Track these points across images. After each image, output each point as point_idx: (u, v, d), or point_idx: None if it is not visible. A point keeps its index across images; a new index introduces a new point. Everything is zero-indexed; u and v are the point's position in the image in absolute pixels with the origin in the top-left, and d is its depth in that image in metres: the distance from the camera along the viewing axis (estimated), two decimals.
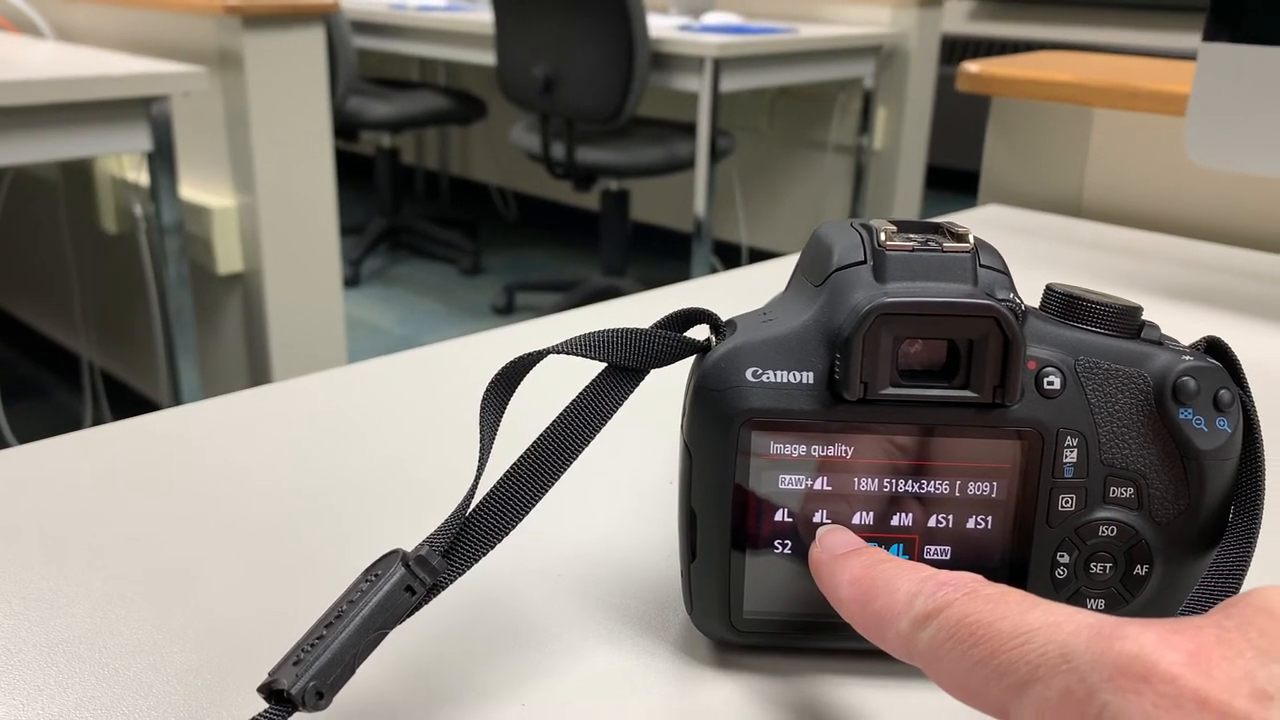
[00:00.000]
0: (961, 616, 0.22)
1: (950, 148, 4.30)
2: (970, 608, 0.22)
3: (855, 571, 0.26)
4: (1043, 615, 0.21)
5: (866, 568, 0.26)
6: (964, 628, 0.22)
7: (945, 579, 0.23)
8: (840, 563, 0.27)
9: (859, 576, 0.26)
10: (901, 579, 0.24)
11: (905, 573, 0.25)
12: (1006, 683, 0.20)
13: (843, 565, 0.26)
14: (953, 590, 0.23)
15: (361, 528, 0.38)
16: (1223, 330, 0.61)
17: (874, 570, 0.25)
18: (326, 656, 0.25)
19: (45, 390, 2.61)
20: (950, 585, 0.23)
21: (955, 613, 0.22)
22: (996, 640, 0.21)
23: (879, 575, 0.25)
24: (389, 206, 3.61)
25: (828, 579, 0.27)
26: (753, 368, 0.28)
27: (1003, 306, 0.27)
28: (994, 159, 0.97)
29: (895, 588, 0.24)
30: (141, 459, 0.42)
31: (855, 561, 0.26)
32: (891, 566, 0.25)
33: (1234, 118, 0.60)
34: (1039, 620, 0.21)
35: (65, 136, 1.51)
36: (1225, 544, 0.29)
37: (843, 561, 0.27)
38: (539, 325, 0.59)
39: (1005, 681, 0.20)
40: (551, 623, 0.33)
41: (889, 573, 0.25)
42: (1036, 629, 0.20)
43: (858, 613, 0.25)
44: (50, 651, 0.31)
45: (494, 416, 0.29)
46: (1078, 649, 0.19)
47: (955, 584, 0.23)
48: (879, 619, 0.24)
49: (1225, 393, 0.28)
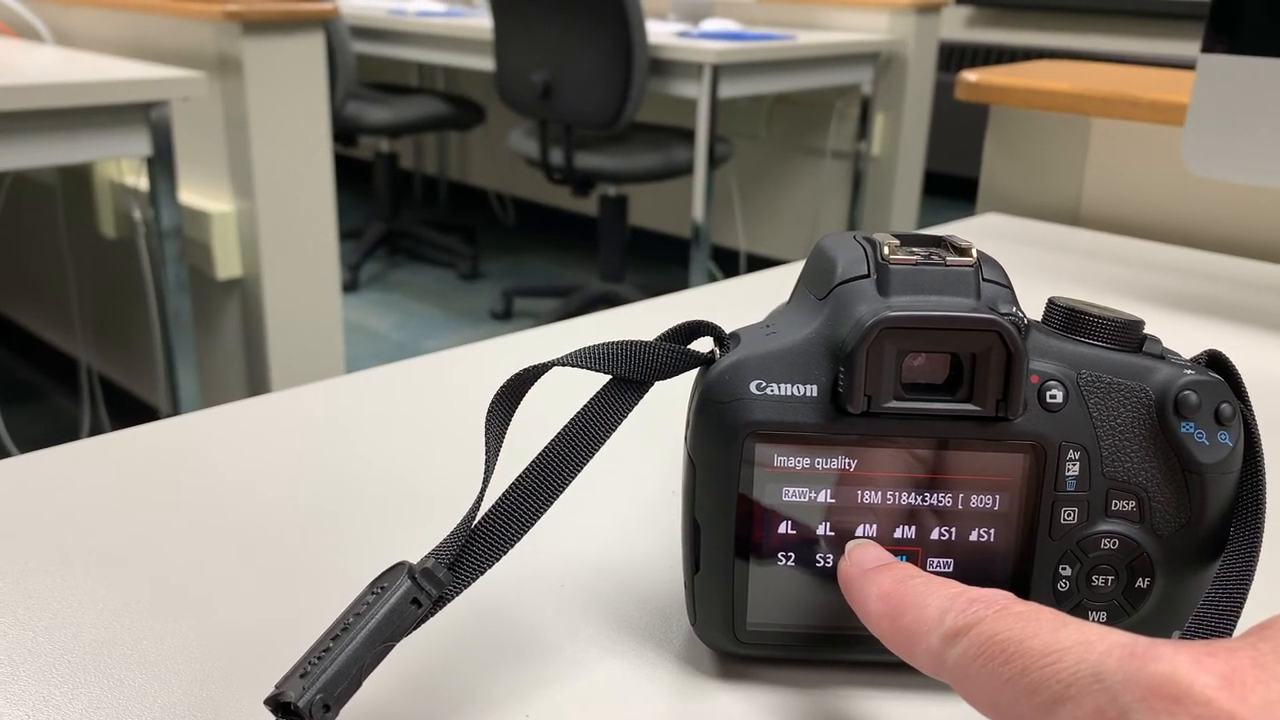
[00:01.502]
0: (992, 633, 0.22)
1: (948, 154, 4.31)
2: (1001, 625, 0.22)
3: (885, 586, 0.26)
4: (1075, 634, 0.21)
5: (896, 583, 0.26)
6: (994, 644, 0.22)
7: (976, 595, 0.23)
8: (870, 577, 0.26)
9: (889, 591, 0.26)
10: (932, 595, 0.24)
11: (936, 588, 0.24)
12: (1037, 701, 0.20)
13: (872, 580, 0.26)
14: (984, 607, 0.23)
15: (365, 539, 0.38)
16: (1221, 340, 0.61)
17: (904, 585, 0.25)
18: (333, 669, 0.25)
19: (43, 394, 2.61)
20: (981, 602, 0.23)
21: (986, 629, 0.22)
22: (1027, 658, 0.21)
23: (909, 590, 0.25)
24: (388, 211, 3.62)
25: (857, 593, 0.27)
26: (757, 380, 0.28)
27: (1005, 320, 0.27)
28: (992, 168, 0.97)
29: (925, 603, 0.24)
30: (145, 469, 0.43)
31: (885, 576, 0.26)
32: (922, 582, 0.25)
33: (1232, 128, 0.60)
34: (1071, 639, 0.21)
35: (64, 141, 1.52)
36: (1227, 557, 0.29)
37: (872, 576, 0.26)
38: (539, 334, 0.59)
39: (1035, 700, 0.20)
40: (555, 634, 0.33)
41: (919, 588, 0.25)
42: (1068, 647, 0.20)
43: (887, 628, 0.25)
44: (56, 662, 0.31)
45: (499, 429, 0.29)
46: (1110, 668, 0.19)
47: (986, 600, 0.23)
48: (908, 635, 0.24)
49: (1226, 406, 0.29)
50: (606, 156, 2.64)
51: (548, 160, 2.70)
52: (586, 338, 0.58)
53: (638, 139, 2.72)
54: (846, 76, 2.90)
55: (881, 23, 3.00)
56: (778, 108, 3.25)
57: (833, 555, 0.29)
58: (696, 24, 2.88)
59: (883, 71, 3.01)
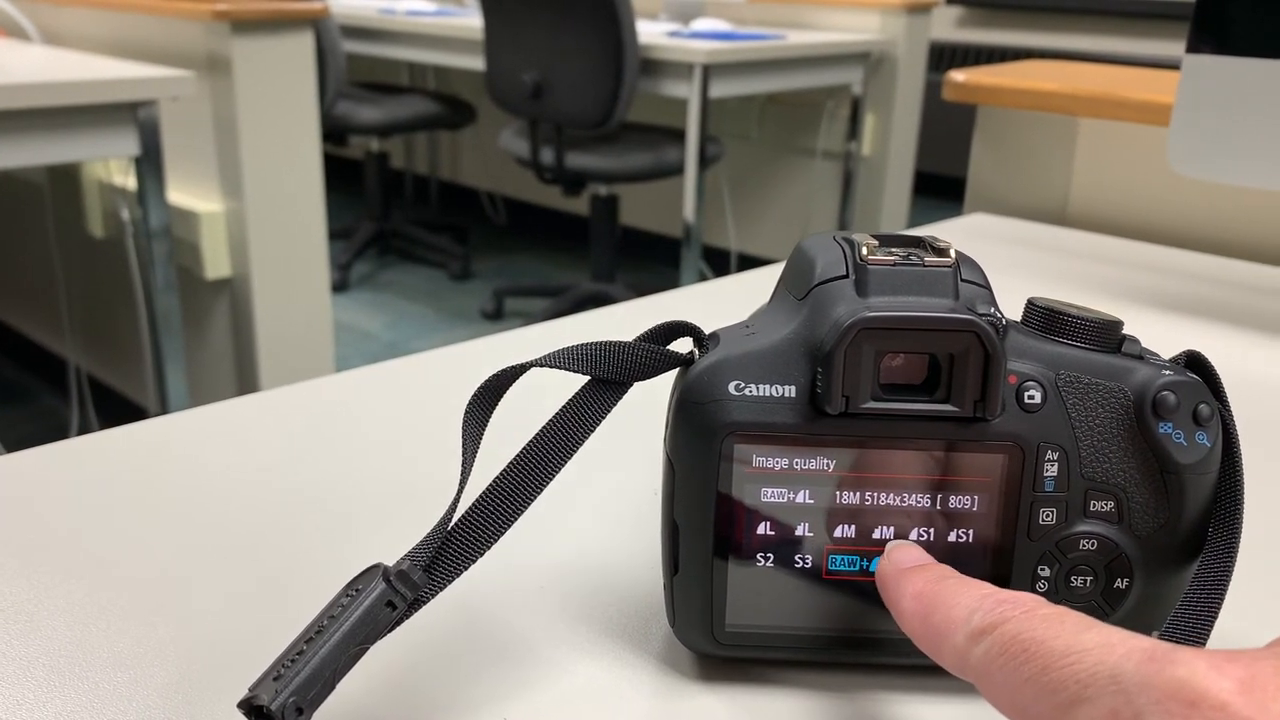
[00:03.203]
0: (1016, 633, 0.22)
1: (938, 154, 4.32)
2: (1026, 625, 0.22)
3: (919, 586, 0.26)
4: (1097, 636, 0.21)
5: (931, 583, 0.26)
6: (1017, 644, 0.22)
7: (1006, 597, 0.23)
8: (906, 576, 0.27)
9: (922, 591, 0.26)
10: (963, 595, 0.24)
11: (968, 589, 0.25)
12: (1055, 701, 0.20)
13: (908, 579, 0.26)
14: (1011, 607, 0.23)
15: (345, 541, 0.38)
16: (1206, 340, 0.61)
17: (938, 585, 0.25)
18: (307, 672, 0.25)
19: (31, 395, 2.60)
20: (1010, 603, 0.23)
21: (1010, 629, 0.22)
22: (1048, 658, 0.21)
23: (942, 590, 0.25)
24: (378, 211, 3.61)
25: (892, 591, 0.27)
26: (735, 381, 0.28)
27: (983, 321, 0.27)
28: (980, 168, 0.97)
29: (956, 603, 0.24)
30: (124, 470, 0.42)
31: (920, 576, 0.26)
32: (955, 582, 0.25)
33: (1216, 128, 0.61)
34: (1092, 641, 0.21)
35: (52, 141, 1.51)
36: (1206, 558, 0.29)
37: (909, 575, 0.27)
38: (525, 334, 0.59)
39: (1054, 700, 0.20)
40: (533, 636, 0.33)
41: (952, 588, 0.25)
42: (1089, 649, 0.20)
43: (918, 626, 0.25)
44: (30, 665, 0.31)
45: (476, 430, 0.29)
46: (1128, 671, 0.19)
47: (1014, 602, 0.23)
48: (937, 633, 0.24)
49: (1205, 407, 0.29)
50: (597, 156, 2.64)
51: (538, 160, 2.69)
52: (573, 337, 0.58)
53: (628, 139, 2.72)
54: (837, 76, 2.90)
55: (872, 23, 3.00)
56: (768, 108, 3.26)
57: (811, 556, 0.29)
58: (687, 24, 2.88)
59: (873, 72, 3.01)
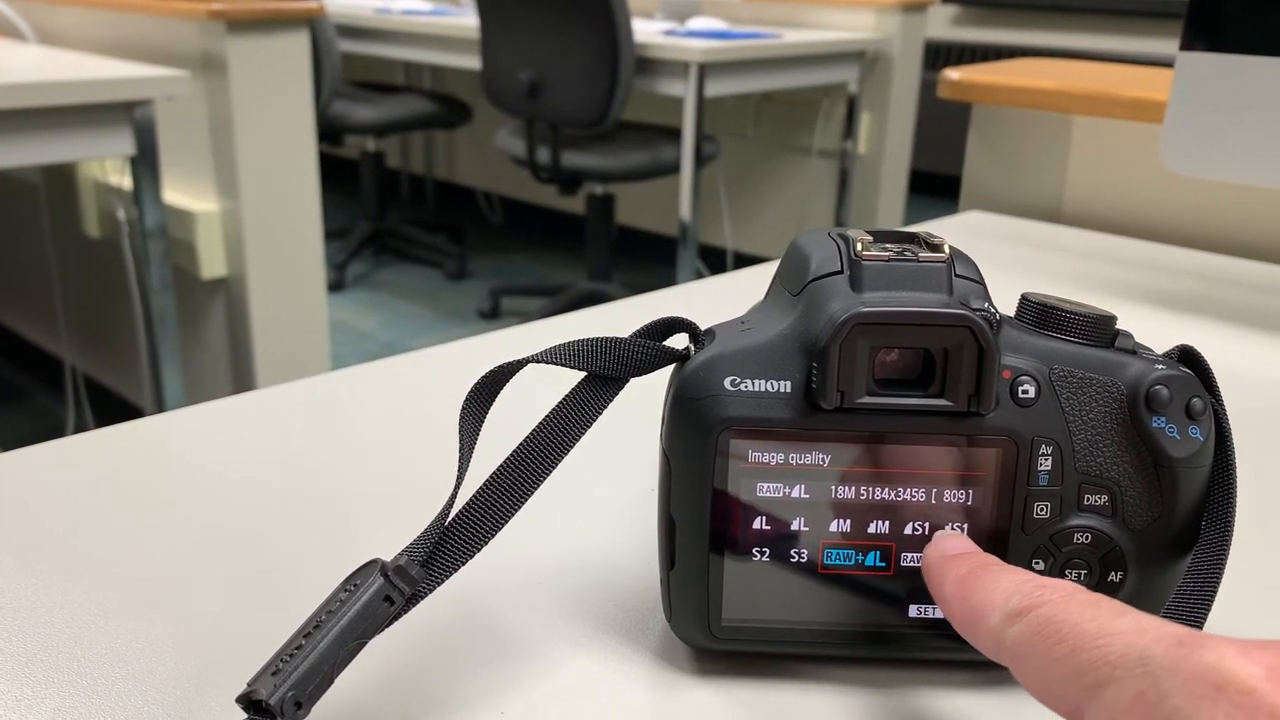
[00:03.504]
0: (1050, 615, 0.22)
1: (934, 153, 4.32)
2: (1061, 608, 0.22)
3: (962, 571, 0.26)
4: (1130, 621, 0.21)
5: (974, 569, 0.26)
6: (1050, 626, 0.22)
7: (1044, 582, 0.24)
8: (951, 563, 0.27)
9: (965, 576, 0.26)
10: (1003, 579, 0.25)
11: (1008, 574, 0.25)
12: (1084, 682, 0.21)
13: (953, 564, 0.27)
14: (1049, 591, 0.23)
15: (342, 537, 0.38)
16: (1199, 336, 0.61)
17: (980, 571, 0.26)
18: (305, 666, 0.25)
19: (27, 395, 2.60)
20: (1047, 587, 0.23)
21: (1046, 612, 0.22)
22: (1079, 639, 0.21)
23: (984, 575, 0.25)
24: (374, 211, 3.61)
25: (936, 576, 0.27)
26: (731, 377, 0.29)
27: (977, 316, 0.27)
28: (975, 165, 0.97)
29: (995, 586, 0.25)
30: (121, 467, 0.42)
31: (964, 563, 0.27)
32: (997, 568, 0.26)
33: (1210, 126, 0.61)
34: (1124, 625, 0.21)
35: (48, 140, 1.51)
36: (1199, 551, 0.29)
37: (953, 562, 0.27)
38: (522, 331, 0.59)
39: (1083, 681, 0.21)
40: (530, 631, 0.33)
41: (993, 573, 0.25)
42: (1120, 632, 0.21)
43: (958, 609, 0.26)
44: (28, 662, 0.31)
45: (473, 426, 0.29)
46: (1156, 654, 0.20)
47: (1052, 586, 0.23)
48: (974, 614, 0.25)
49: (1197, 401, 0.29)
50: (593, 155, 2.64)
51: (534, 159, 2.69)
52: (570, 335, 0.58)
53: (624, 138, 2.72)
54: (833, 75, 2.91)
55: (867, 21, 3.00)
56: (764, 106, 3.26)
57: (807, 551, 0.30)
58: (683, 22, 2.88)
59: (869, 70, 3.02)
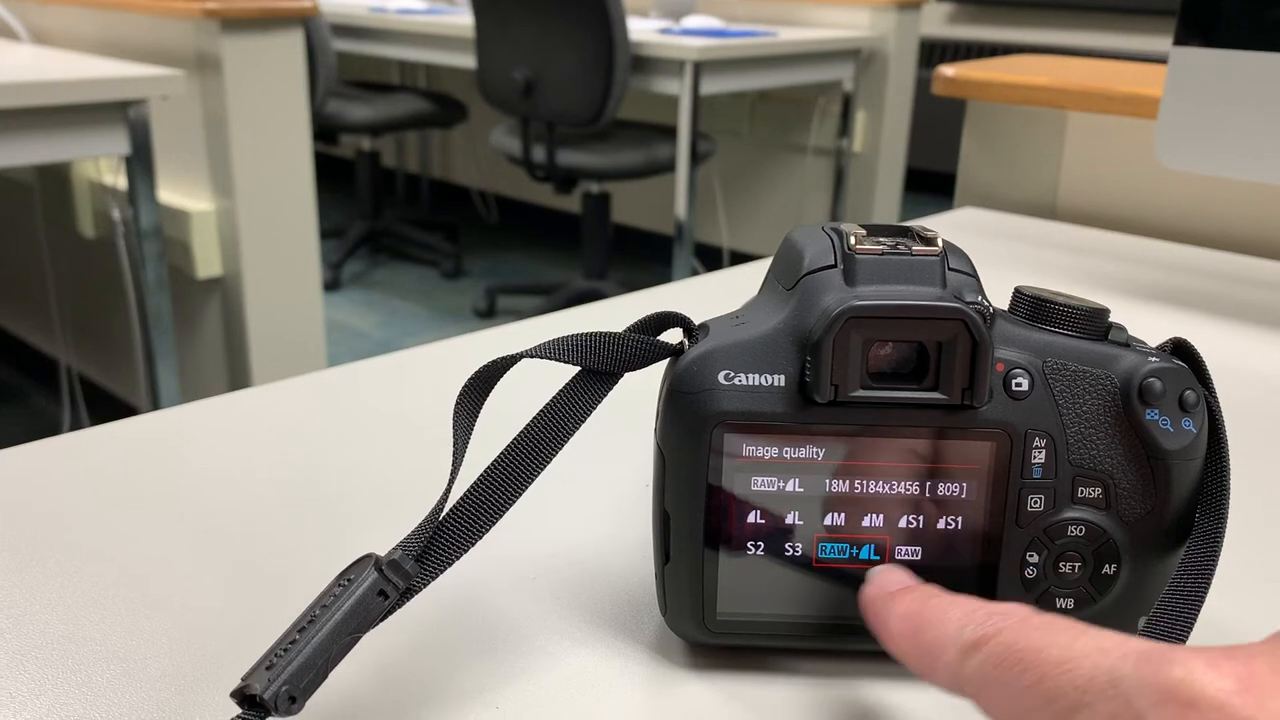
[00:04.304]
0: (1010, 643, 0.22)
1: (929, 150, 4.32)
2: (1018, 634, 0.22)
3: (906, 606, 0.26)
4: (1090, 641, 0.21)
5: (918, 602, 0.25)
6: (1012, 654, 0.22)
7: (995, 608, 0.23)
8: (893, 599, 0.26)
9: (909, 611, 0.25)
10: (952, 610, 0.24)
11: (955, 604, 0.24)
12: (1054, 709, 0.20)
13: (896, 600, 0.26)
14: (1002, 618, 0.23)
15: (337, 533, 0.38)
16: (1193, 330, 0.61)
17: (924, 604, 0.25)
18: (299, 661, 0.25)
19: (23, 395, 2.59)
20: (1000, 614, 0.23)
21: (1004, 640, 0.22)
22: (1044, 666, 0.21)
23: (929, 608, 0.25)
24: (369, 210, 3.61)
25: (879, 614, 0.27)
26: (725, 371, 0.29)
27: (970, 309, 0.27)
28: (970, 162, 0.97)
29: (945, 619, 0.24)
30: (116, 464, 0.42)
31: (907, 597, 0.26)
32: (942, 600, 0.25)
33: (1203, 121, 0.61)
34: (1087, 646, 0.21)
35: (42, 140, 1.51)
36: (1192, 544, 0.29)
37: (896, 598, 0.26)
38: (517, 329, 0.59)
39: (1053, 708, 0.20)
40: (525, 625, 0.33)
41: (939, 605, 0.25)
42: (1085, 654, 0.20)
43: (909, 647, 0.25)
44: (23, 659, 0.31)
45: (467, 421, 0.29)
46: (1125, 673, 0.19)
47: (1004, 612, 0.23)
48: (928, 651, 0.24)
49: (1190, 393, 0.29)
50: (589, 154, 2.64)
51: (530, 158, 2.69)
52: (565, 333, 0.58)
53: (620, 136, 2.72)
54: (828, 73, 2.91)
55: (862, 19, 3.01)
56: (759, 105, 3.26)
57: (801, 544, 0.30)
58: (678, 21, 2.88)
59: (864, 68, 3.02)
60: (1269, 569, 0.38)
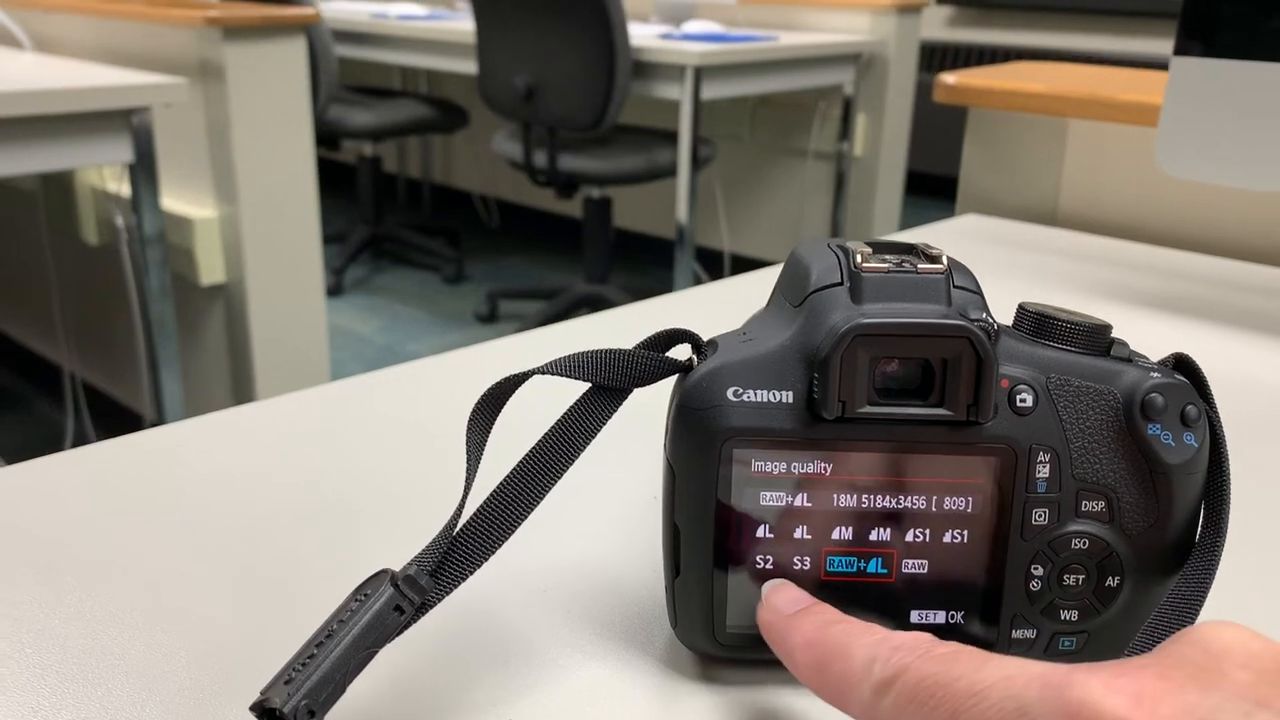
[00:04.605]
0: (919, 679, 0.22)
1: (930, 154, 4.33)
2: (927, 669, 0.22)
3: (807, 634, 0.26)
4: (995, 670, 0.21)
5: (817, 630, 0.26)
6: (923, 690, 0.22)
7: (898, 642, 0.24)
8: (791, 625, 0.27)
9: (811, 640, 0.26)
10: (855, 642, 0.25)
11: (858, 635, 0.25)
12: None
13: (794, 627, 0.27)
14: (907, 653, 0.23)
15: (350, 547, 0.38)
16: (1196, 338, 0.62)
17: (825, 633, 0.26)
18: (318, 675, 0.25)
19: (26, 402, 2.60)
20: (904, 648, 0.23)
21: (913, 676, 0.23)
22: (956, 700, 0.21)
23: (831, 639, 0.25)
24: (371, 215, 3.61)
25: (779, 641, 0.27)
26: (733, 387, 0.29)
27: (975, 327, 0.28)
28: (971, 169, 0.98)
29: (851, 653, 0.24)
30: (131, 479, 0.43)
31: (806, 623, 0.27)
32: (843, 629, 0.26)
33: (1204, 129, 0.61)
34: (993, 675, 0.21)
35: (46, 148, 1.51)
36: (1193, 556, 0.30)
37: (793, 623, 0.27)
38: (524, 339, 0.60)
39: None
40: (537, 637, 0.33)
41: (841, 635, 0.25)
42: (992, 684, 0.21)
43: (815, 679, 0.26)
44: (44, 673, 0.31)
45: (480, 437, 0.30)
46: (1031, 700, 0.20)
47: (909, 646, 0.23)
48: (838, 688, 0.25)
49: (1192, 408, 0.29)
50: (590, 159, 2.65)
51: (531, 163, 2.70)
52: (571, 342, 0.58)
53: (621, 141, 2.73)
54: (828, 77, 2.91)
55: (863, 23, 3.01)
56: (760, 109, 3.26)
57: (809, 558, 0.30)
58: (678, 26, 2.89)
59: (864, 72, 3.02)
60: (1269, 580, 0.38)
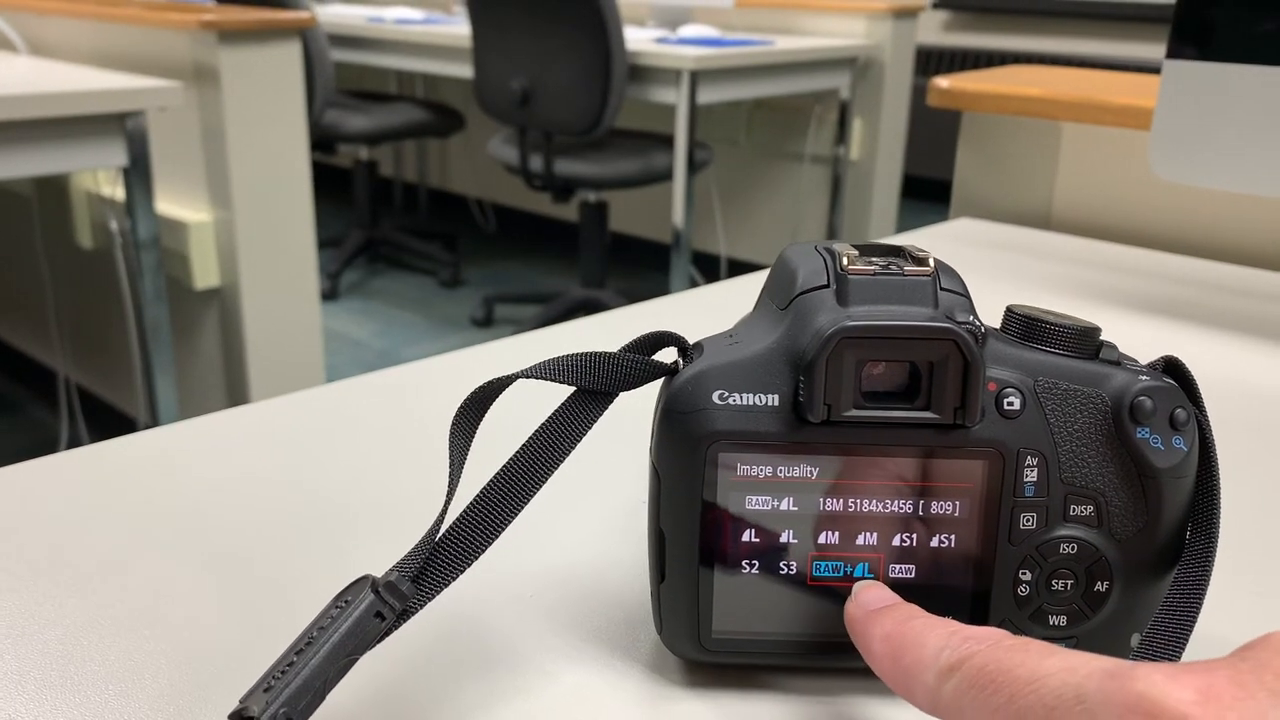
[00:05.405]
0: (983, 665, 0.22)
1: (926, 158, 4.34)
2: (991, 656, 0.22)
3: (888, 628, 0.26)
4: (1059, 660, 0.21)
5: (898, 623, 0.26)
6: (984, 676, 0.22)
7: (971, 633, 0.24)
8: (874, 619, 0.27)
9: (891, 633, 0.26)
10: (930, 634, 0.25)
11: (934, 628, 0.25)
12: None
13: (876, 621, 0.27)
14: (976, 642, 0.23)
15: (336, 551, 0.38)
16: (1185, 341, 0.62)
17: (905, 626, 0.26)
18: (297, 683, 0.25)
19: (20, 406, 2.59)
20: (975, 638, 0.24)
21: (977, 662, 0.23)
22: (1014, 686, 0.21)
23: (909, 631, 0.26)
24: (367, 219, 3.61)
25: (861, 634, 0.27)
26: (719, 390, 0.29)
27: (962, 329, 0.28)
28: (965, 173, 0.98)
29: (924, 643, 0.25)
30: (114, 482, 0.42)
31: (888, 618, 0.27)
32: (922, 623, 0.26)
33: (1196, 133, 0.61)
34: (1055, 665, 0.21)
35: (40, 152, 1.51)
36: (1185, 561, 0.29)
37: (876, 618, 0.27)
38: (514, 343, 0.59)
39: None
40: (522, 644, 0.33)
41: (919, 628, 0.26)
42: (1053, 673, 0.21)
43: (889, 668, 0.26)
44: (21, 678, 0.31)
45: (463, 442, 0.29)
46: (1090, 690, 0.20)
47: (980, 637, 0.24)
48: (907, 673, 0.25)
49: (1181, 412, 0.29)
50: (586, 163, 2.65)
51: (527, 167, 2.70)
52: (564, 346, 0.58)
53: (617, 145, 2.73)
54: (824, 81, 2.91)
55: (858, 28, 3.01)
56: (756, 113, 3.26)
57: (796, 563, 0.30)
58: (674, 30, 2.89)
59: (860, 76, 3.02)
60: (1261, 583, 0.38)
